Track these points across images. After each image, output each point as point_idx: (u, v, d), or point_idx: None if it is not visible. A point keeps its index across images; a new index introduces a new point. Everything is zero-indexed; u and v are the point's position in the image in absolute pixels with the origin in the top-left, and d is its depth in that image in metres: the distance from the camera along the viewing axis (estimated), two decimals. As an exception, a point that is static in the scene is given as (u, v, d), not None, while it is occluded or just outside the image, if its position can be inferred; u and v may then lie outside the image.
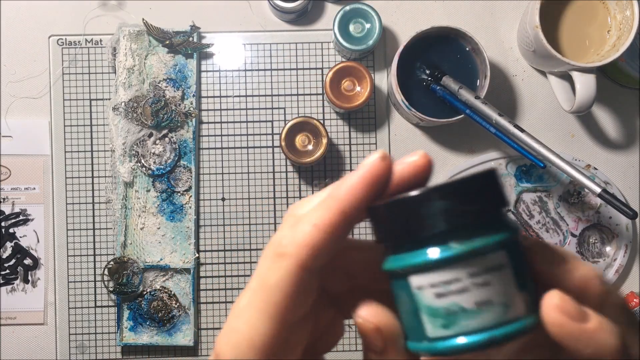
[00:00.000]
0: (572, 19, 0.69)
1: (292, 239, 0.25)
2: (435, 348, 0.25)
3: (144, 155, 0.72)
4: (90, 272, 0.73)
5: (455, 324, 0.24)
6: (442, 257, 0.24)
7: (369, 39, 0.70)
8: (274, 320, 0.25)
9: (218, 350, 0.26)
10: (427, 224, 0.24)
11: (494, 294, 0.24)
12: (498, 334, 0.24)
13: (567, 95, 0.71)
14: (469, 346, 0.24)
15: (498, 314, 0.24)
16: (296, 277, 0.25)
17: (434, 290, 0.25)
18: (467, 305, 0.24)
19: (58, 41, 0.73)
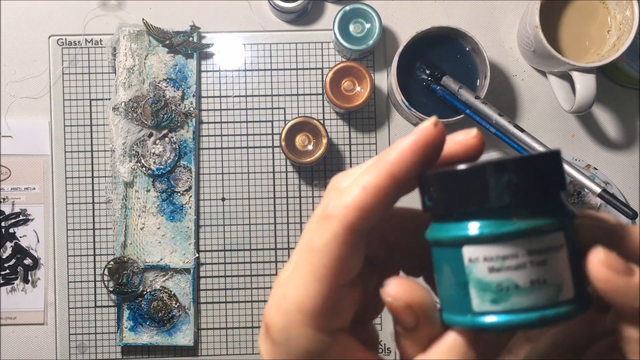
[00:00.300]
0: (572, 19, 0.69)
1: (339, 202, 0.25)
2: (481, 323, 0.24)
3: (144, 155, 0.72)
4: (90, 272, 0.73)
5: (505, 300, 0.24)
6: (504, 231, 0.24)
7: (369, 39, 0.70)
8: (323, 283, 0.25)
9: (268, 320, 0.25)
10: (492, 196, 0.24)
11: (549, 273, 0.24)
12: (549, 314, 0.24)
13: (567, 95, 0.71)
14: (518, 323, 0.24)
15: (551, 294, 0.24)
16: (343, 239, 0.25)
17: (488, 264, 0.24)
18: (521, 282, 0.24)
19: (58, 41, 0.73)
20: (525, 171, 0.24)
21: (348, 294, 0.26)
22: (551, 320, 0.24)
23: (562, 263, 0.24)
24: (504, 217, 0.24)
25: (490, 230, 0.24)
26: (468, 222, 0.25)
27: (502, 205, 0.24)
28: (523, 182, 0.24)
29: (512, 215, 0.24)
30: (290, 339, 0.25)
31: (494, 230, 0.24)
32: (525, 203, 0.24)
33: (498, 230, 0.24)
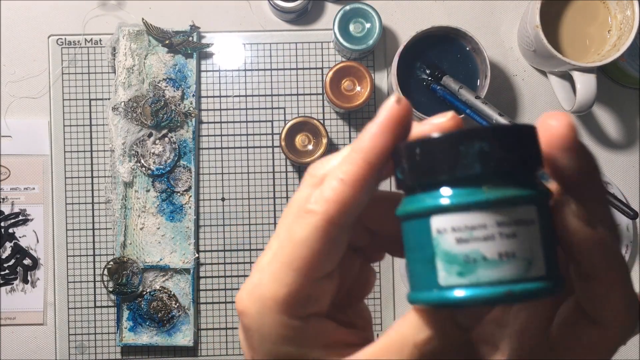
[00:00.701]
0: (573, 19, 0.69)
1: (320, 196, 0.25)
2: (445, 297, 0.23)
3: (144, 155, 0.72)
4: (89, 273, 0.73)
5: (472, 272, 0.23)
6: (474, 200, 0.23)
7: (369, 39, 0.70)
8: (300, 274, 0.25)
9: (241, 307, 0.26)
10: (463, 164, 0.23)
11: (518, 247, 0.23)
12: (516, 290, 0.23)
13: (568, 95, 0.71)
14: (483, 298, 0.23)
15: (520, 269, 0.23)
16: (324, 233, 0.25)
17: (455, 234, 0.23)
18: (489, 254, 0.23)
19: (57, 41, 0.73)
20: (499, 140, 0.23)
21: (325, 285, 0.26)
22: (518, 296, 0.23)
23: (533, 238, 0.23)
24: (474, 186, 0.23)
25: (460, 199, 0.23)
26: (438, 191, 0.24)
27: (472, 174, 0.23)
28: (495, 151, 0.23)
29: (483, 185, 0.23)
30: (264, 324, 0.25)
31: (464, 199, 0.23)
32: (497, 172, 0.23)
33: (467, 199, 0.23)
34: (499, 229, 0.23)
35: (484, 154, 0.23)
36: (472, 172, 0.23)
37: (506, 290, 0.23)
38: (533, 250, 0.23)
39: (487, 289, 0.23)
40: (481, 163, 0.23)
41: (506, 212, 0.23)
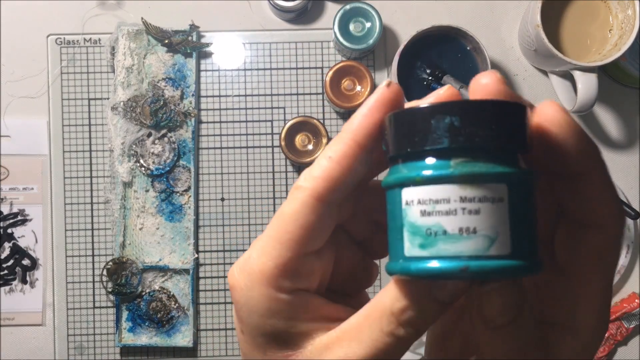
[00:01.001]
0: (574, 18, 0.69)
1: (309, 173, 0.26)
2: (407, 268, 0.24)
3: (143, 155, 0.72)
4: (88, 273, 0.73)
5: (432, 245, 0.23)
6: (439, 173, 0.23)
7: (369, 38, 0.69)
8: (286, 248, 0.25)
9: (232, 281, 0.27)
10: (432, 137, 0.23)
11: (481, 224, 0.23)
12: (473, 266, 0.23)
13: (569, 95, 0.71)
14: (439, 271, 0.23)
15: (479, 245, 0.23)
16: (311, 208, 0.25)
17: (420, 207, 0.24)
18: (450, 228, 0.23)
19: (56, 40, 0.73)
20: (470, 115, 0.23)
21: (313, 262, 0.27)
22: (475, 273, 0.23)
23: (499, 216, 0.23)
24: (442, 159, 0.23)
25: (426, 171, 0.23)
26: (410, 163, 0.24)
27: (441, 148, 0.23)
28: (465, 125, 0.23)
29: (451, 159, 0.23)
30: (252, 297, 0.26)
31: (430, 172, 0.23)
32: (466, 148, 0.23)
33: (433, 172, 0.23)
34: (462, 204, 0.23)
35: (453, 128, 0.23)
36: (441, 145, 0.23)
37: (462, 265, 0.23)
38: (497, 228, 0.23)
39: (444, 263, 0.23)
40: (450, 137, 0.23)
41: (471, 188, 0.23)
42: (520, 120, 0.24)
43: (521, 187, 0.24)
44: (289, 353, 0.26)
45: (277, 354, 0.26)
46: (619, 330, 0.73)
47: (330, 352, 0.25)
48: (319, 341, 0.26)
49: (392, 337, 0.24)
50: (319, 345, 0.26)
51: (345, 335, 0.25)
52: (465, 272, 0.23)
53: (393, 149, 0.25)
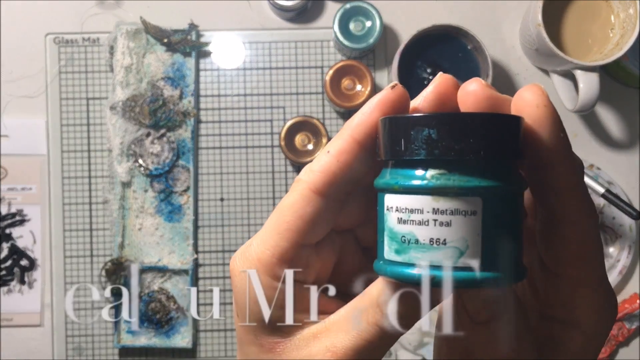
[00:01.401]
0: (575, 17, 0.68)
1: (308, 167, 0.27)
2: (384, 269, 0.25)
3: (142, 154, 0.71)
4: (87, 274, 0.72)
5: (405, 252, 0.24)
6: (413, 184, 0.24)
7: (369, 38, 0.69)
8: (283, 238, 0.26)
9: (232, 266, 0.28)
10: (410, 148, 0.24)
11: (451, 235, 0.23)
12: (439, 276, 0.23)
13: (570, 94, 0.71)
14: (408, 277, 0.24)
15: (447, 256, 0.24)
16: (308, 200, 0.26)
17: (398, 214, 0.25)
18: (421, 238, 0.24)
19: (55, 39, 0.73)
20: (447, 128, 0.24)
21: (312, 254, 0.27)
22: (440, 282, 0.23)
23: (470, 229, 0.23)
24: (418, 170, 0.24)
25: (403, 181, 0.24)
26: (393, 170, 0.25)
27: (418, 159, 0.24)
28: (442, 138, 0.24)
29: (427, 170, 0.24)
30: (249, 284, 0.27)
31: (406, 181, 0.24)
32: (442, 160, 0.24)
33: (408, 182, 0.24)
34: (435, 215, 0.24)
35: (430, 140, 0.24)
36: (418, 157, 0.24)
37: (429, 274, 0.24)
38: (468, 241, 0.23)
39: (413, 270, 0.24)
40: (427, 149, 0.24)
41: (444, 200, 0.24)
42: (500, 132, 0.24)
43: (498, 200, 0.24)
44: (279, 340, 0.27)
45: (267, 339, 0.27)
46: (621, 331, 0.72)
47: (317, 341, 0.26)
48: (307, 331, 0.27)
49: (377, 328, 0.25)
50: (308, 334, 0.27)
51: (333, 326, 0.26)
52: (431, 281, 0.23)
53: (382, 154, 0.26)
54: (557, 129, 0.24)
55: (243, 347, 0.28)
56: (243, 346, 0.28)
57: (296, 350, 0.26)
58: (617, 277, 0.72)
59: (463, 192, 0.24)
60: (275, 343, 0.27)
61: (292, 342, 0.27)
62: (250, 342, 0.27)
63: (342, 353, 0.25)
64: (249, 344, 0.27)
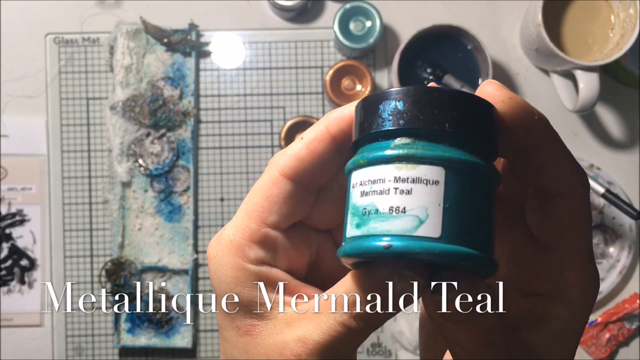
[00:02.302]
0: (575, 17, 0.68)
1: (281, 152, 0.28)
2: (345, 249, 0.24)
3: (142, 154, 0.71)
4: (87, 274, 0.72)
5: (365, 224, 0.24)
6: (377, 155, 0.24)
7: (369, 37, 0.69)
8: (252, 219, 0.27)
9: (208, 251, 0.28)
10: (377, 122, 0.24)
11: (411, 204, 0.23)
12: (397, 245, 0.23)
13: (570, 94, 0.71)
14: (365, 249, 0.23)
15: (406, 225, 0.23)
16: (276, 182, 0.27)
17: (361, 188, 0.24)
18: (381, 207, 0.23)
19: (55, 39, 0.73)
20: (413, 99, 0.24)
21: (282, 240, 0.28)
22: (398, 251, 0.23)
23: (431, 198, 0.23)
24: (383, 142, 0.24)
25: (368, 154, 0.24)
26: (360, 149, 0.25)
27: (384, 131, 0.24)
28: (407, 109, 0.24)
29: (393, 141, 0.24)
30: (222, 266, 0.27)
31: (371, 154, 0.24)
32: (406, 130, 0.24)
33: (373, 154, 0.24)
34: (396, 184, 0.24)
35: (397, 111, 0.24)
36: (384, 129, 0.24)
37: (387, 243, 0.23)
38: (428, 209, 0.23)
39: (371, 241, 0.23)
40: (392, 120, 0.24)
41: (406, 169, 0.24)
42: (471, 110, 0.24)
43: (465, 174, 0.24)
44: (255, 322, 0.27)
45: (243, 322, 0.27)
46: (621, 331, 0.72)
47: (290, 329, 0.26)
48: (281, 315, 0.27)
49: (345, 327, 0.25)
50: (282, 319, 0.27)
51: (306, 316, 0.26)
52: (388, 249, 0.23)
53: (354, 136, 0.26)
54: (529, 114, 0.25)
55: (222, 332, 0.29)
56: (223, 331, 0.28)
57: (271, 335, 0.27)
58: (617, 277, 0.72)
59: (425, 161, 0.23)
60: (251, 326, 0.27)
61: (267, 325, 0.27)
62: (228, 326, 0.28)
63: (312, 345, 0.26)
64: (227, 328, 0.28)
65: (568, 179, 0.25)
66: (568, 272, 0.26)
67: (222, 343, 0.29)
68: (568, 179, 0.25)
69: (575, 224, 0.26)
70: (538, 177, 0.25)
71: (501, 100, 0.25)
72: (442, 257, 0.23)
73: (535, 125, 0.25)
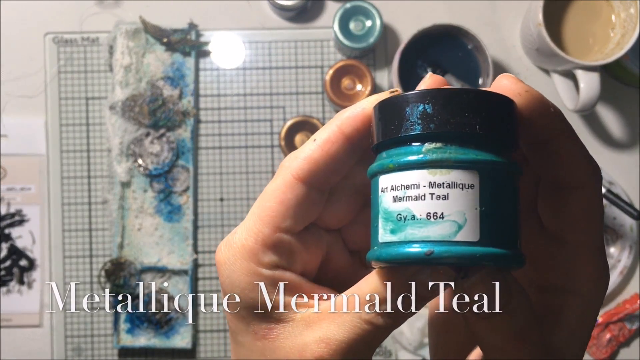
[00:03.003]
0: (576, 17, 0.68)
1: (293, 154, 0.27)
2: (379, 254, 0.24)
3: (141, 154, 0.71)
4: (86, 274, 0.72)
5: (401, 230, 0.24)
6: (410, 159, 0.24)
7: (369, 37, 0.69)
8: (265, 224, 0.27)
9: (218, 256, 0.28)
10: (405, 125, 0.24)
11: (448, 209, 0.23)
12: (438, 251, 0.23)
13: (571, 94, 0.71)
14: (405, 255, 0.23)
15: (446, 230, 0.23)
16: (289, 186, 0.27)
17: (393, 193, 0.24)
18: (418, 213, 0.23)
19: (54, 39, 0.72)
20: (442, 102, 0.24)
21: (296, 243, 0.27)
22: (439, 257, 0.23)
23: (468, 203, 0.23)
24: (414, 146, 0.24)
25: (398, 158, 0.24)
26: (388, 152, 0.25)
27: (414, 135, 0.24)
28: (437, 112, 0.23)
29: (424, 145, 0.24)
30: (234, 271, 0.27)
31: (401, 158, 0.24)
32: (438, 134, 0.24)
33: (404, 158, 0.24)
34: (432, 189, 0.23)
35: (426, 115, 0.24)
36: (414, 132, 0.24)
37: (427, 249, 0.23)
38: (466, 214, 0.23)
39: (410, 247, 0.23)
40: (422, 124, 0.24)
41: (440, 174, 0.23)
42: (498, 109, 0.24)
43: (496, 175, 0.24)
44: (272, 326, 0.27)
45: (260, 327, 0.27)
46: (622, 331, 0.72)
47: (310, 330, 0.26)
48: (300, 317, 0.27)
49: (371, 325, 0.25)
50: (300, 321, 0.27)
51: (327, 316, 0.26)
52: (429, 256, 0.23)
53: (376, 139, 0.26)
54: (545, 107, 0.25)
55: (236, 337, 0.28)
56: (236, 336, 0.28)
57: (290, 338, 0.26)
58: (617, 277, 0.72)
59: (460, 165, 0.23)
60: (268, 329, 0.27)
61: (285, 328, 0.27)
62: (243, 331, 0.27)
63: (336, 345, 0.25)
64: (242, 333, 0.27)
65: (582, 171, 0.25)
66: (581, 265, 0.26)
67: (235, 349, 0.28)
68: (582, 172, 0.25)
69: (588, 216, 0.25)
70: (552, 169, 0.25)
71: (518, 93, 0.25)
72: (483, 260, 0.23)
73: (551, 117, 0.25)
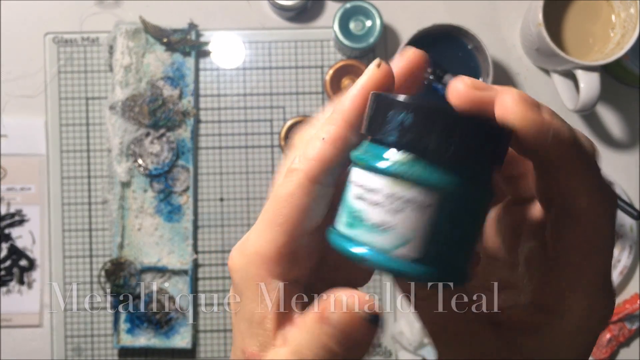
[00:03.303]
0: (576, 17, 0.68)
1: (303, 155, 0.26)
2: (332, 240, 0.25)
3: (142, 154, 0.71)
4: (86, 274, 0.72)
5: (354, 228, 0.24)
6: (376, 164, 0.24)
7: (369, 37, 0.69)
8: (282, 230, 0.26)
9: (231, 263, 0.28)
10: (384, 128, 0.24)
11: (398, 223, 0.23)
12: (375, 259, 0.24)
13: (571, 94, 0.71)
14: (345, 252, 0.24)
15: (390, 243, 0.24)
16: (306, 190, 0.26)
17: (357, 189, 0.25)
18: (371, 218, 0.24)
19: (54, 39, 0.72)
20: (420, 117, 0.23)
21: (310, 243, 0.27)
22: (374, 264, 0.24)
23: (420, 222, 0.23)
24: (387, 152, 0.24)
25: (370, 159, 0.24)
26: (368, 145, 0.25)
27: (389, 140, 0.24)
28: (414, 127, 0.23)
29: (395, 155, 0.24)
30: (248, 279, 0.26)
31: (372, 161, 0.24)
32: (408, 148, 0.24)
33: (374, 162, 0.24)
34: (389, 200, 0.24)
35: (403, 125, 0.24)
36: (389, 138, 0.24)
37: (367, 255, 0.24)
38: (414, 232, 0.23)
39: (352, 246, 0.24)
40: (398, 133, 0.24)
41: (401, 188, 0.23)
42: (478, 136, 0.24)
43: (459, 200, 0.24)
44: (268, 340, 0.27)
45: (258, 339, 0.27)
46: (622, 331, 0.72)
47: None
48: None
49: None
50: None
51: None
52: (365, 262, 0.24)
53: (363, 127, 0.26)
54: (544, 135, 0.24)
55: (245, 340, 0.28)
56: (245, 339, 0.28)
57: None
58: (617, 278, 0.72)
59: (422, 183, 0.23)
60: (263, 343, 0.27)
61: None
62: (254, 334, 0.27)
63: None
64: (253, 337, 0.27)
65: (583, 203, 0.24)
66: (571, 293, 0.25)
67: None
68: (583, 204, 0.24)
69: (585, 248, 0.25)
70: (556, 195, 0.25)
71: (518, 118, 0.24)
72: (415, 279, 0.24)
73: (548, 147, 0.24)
